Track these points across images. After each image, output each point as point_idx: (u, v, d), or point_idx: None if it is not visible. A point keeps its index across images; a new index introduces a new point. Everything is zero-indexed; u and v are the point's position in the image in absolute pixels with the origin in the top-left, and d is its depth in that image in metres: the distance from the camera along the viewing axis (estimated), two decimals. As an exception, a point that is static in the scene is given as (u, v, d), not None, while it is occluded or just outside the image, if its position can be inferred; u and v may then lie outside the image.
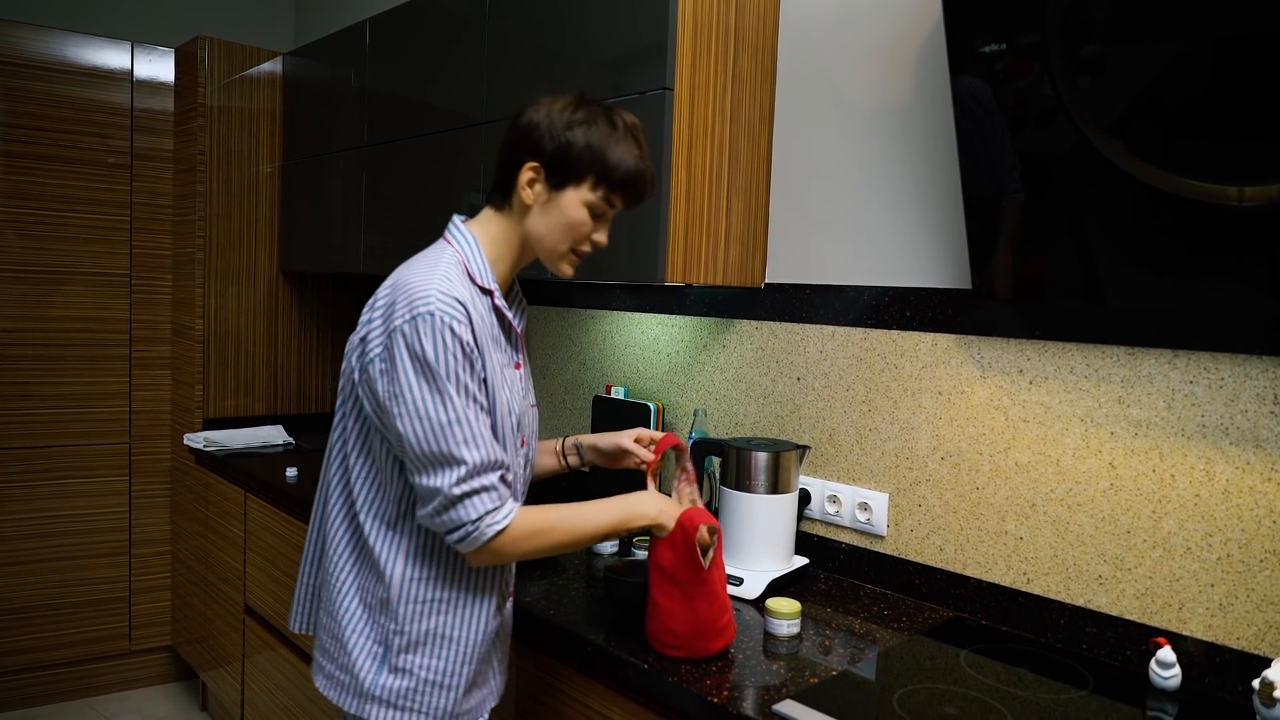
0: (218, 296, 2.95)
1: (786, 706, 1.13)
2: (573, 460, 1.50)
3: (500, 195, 1.25)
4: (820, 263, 1.76)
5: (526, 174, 1.20)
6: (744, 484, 1.60)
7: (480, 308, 1.19)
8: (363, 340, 1.17)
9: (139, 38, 3.26)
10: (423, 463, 1.11)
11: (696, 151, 1.66)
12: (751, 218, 1.81)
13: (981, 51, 1.30)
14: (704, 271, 1.71)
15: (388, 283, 1.19)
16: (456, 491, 1.10)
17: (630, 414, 2.01)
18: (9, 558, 2.87)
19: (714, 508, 1.79)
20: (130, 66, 2.98)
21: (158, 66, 3.03)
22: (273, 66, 2.98)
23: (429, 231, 2.18)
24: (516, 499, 1.26)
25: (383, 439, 1.18)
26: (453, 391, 1.11)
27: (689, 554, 1.27)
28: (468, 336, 1.12)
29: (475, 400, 1.13)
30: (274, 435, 2.84)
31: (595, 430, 2.09)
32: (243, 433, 2.84)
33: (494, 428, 1.19)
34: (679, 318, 2.04)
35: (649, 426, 1.98)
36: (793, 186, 1.81)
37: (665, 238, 1.62)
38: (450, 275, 1.16)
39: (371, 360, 1.14)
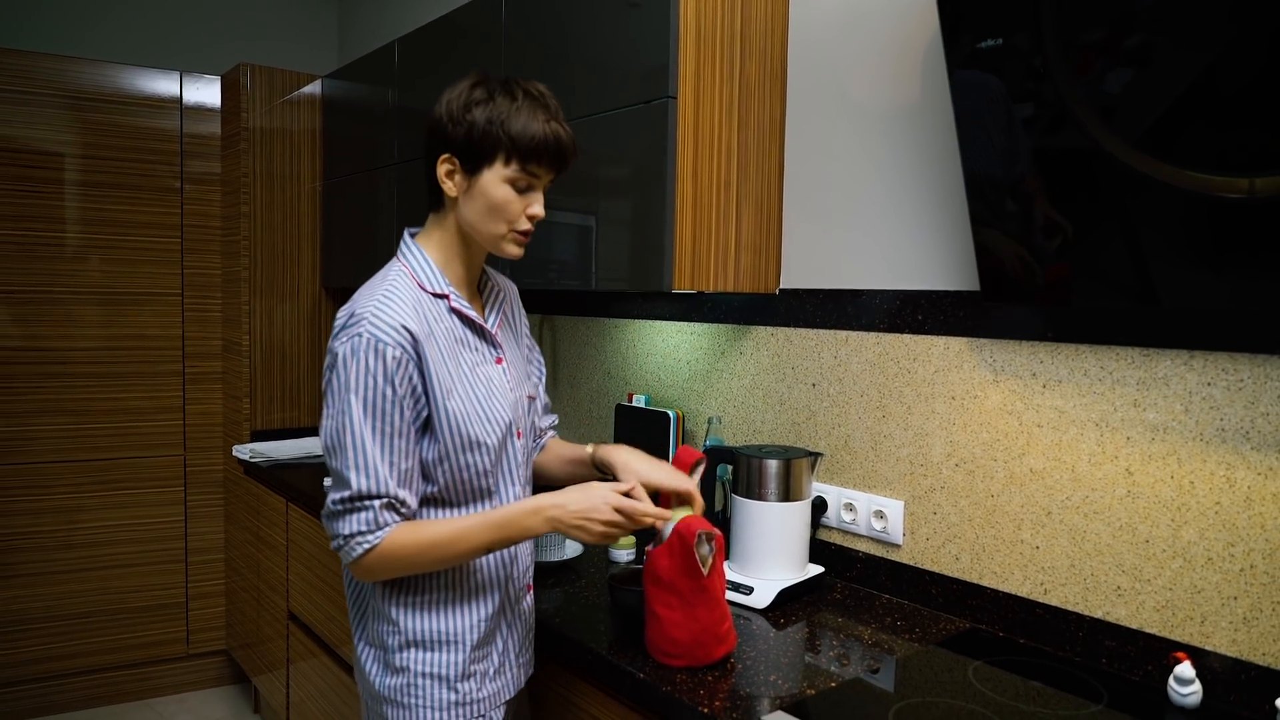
0: (264, 313, 3.05)
1: (775, 718, 1.11)
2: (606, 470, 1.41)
3: (433, 197, 1.27)
4: (833, 267, 1.74)
5: (443, 167, 1.21)
6: (755, 492, 1.59)
7: (434, 314, 1.22)
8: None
9: (187, 67, 3.40)
10: (330, 472, 1.18)
11: (703, 158, 1.66)
12: (764, 223, 1.79)
13: (978, 48, 1.27)
14: (714, 278, 1.70)
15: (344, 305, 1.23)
16: (336, 507, 1.16)
17: (651, 422, 2.01)
18: (73, 565, 3.02)
19: (726, 516, 1.78)
20: (179, 94, 3.12)
21: (204, 93, 3.16)
22: (312, 89, 3.08)
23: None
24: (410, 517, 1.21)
25: None
26: (358, 414, 1.13)
27: (687, 562, 1.26)
28: (396, 357, 1.14)
29: (389, 424, 1.14)
30: (318, 446, 2.92)
31: (617, 438, 2.09)
32: (287, 444, 2.93)
33: (448, 431, 1.19)
34: (698, 325, 2.03)
35: (669, 434, 1.98)
36: (806, 191, 1.79)
37: (671, 245, 1.62)
38: (390, 293, 1.18)
39: (324, 378, 1.21)
